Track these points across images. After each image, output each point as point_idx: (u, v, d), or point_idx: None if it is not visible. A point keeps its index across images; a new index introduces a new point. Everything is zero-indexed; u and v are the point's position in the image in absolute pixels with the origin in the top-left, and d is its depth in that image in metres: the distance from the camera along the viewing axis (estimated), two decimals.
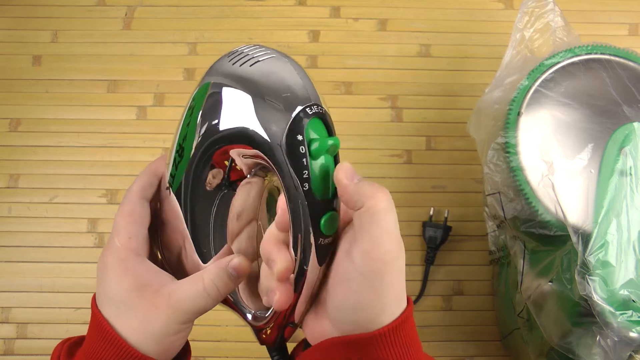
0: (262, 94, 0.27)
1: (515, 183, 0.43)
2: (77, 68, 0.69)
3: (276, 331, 0.32)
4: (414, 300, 0.61)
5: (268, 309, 0.32)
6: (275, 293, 0.29)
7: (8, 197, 0.64)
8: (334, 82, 0.68)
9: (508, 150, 0.44)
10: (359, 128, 0.67)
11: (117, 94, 0.68)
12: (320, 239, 0.28)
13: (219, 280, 0.29)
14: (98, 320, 0.29)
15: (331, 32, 0.70)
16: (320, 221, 0.28)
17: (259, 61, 0.28)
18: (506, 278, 0.57)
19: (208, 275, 0.29)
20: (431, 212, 0.63)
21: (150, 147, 0.66)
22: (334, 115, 0.31)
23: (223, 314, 0.62)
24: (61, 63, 0.69)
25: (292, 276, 0.29)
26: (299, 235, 0.28)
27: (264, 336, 0.32)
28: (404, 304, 0.28)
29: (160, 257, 0.34)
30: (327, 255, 0.29)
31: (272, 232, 0.30)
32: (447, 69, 0.69)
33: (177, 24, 0.70)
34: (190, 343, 0.63)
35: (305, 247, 0.28)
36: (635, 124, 0.41)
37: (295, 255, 0.29)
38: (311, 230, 0.28)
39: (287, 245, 0.29)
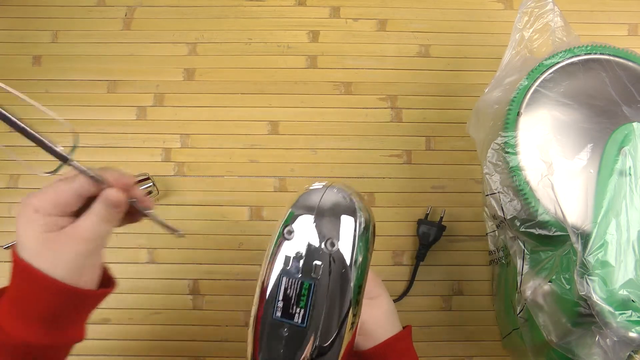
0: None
1: (515, 183, 0.43)
2: (77, 68, 0.69)
3: None
4: (400, 295, 0.62)
5: None
6: None
7: (8, 197, 0.64)
8: (334, 82, 0.68)
9: (507, 150, 0.44)
10: (358, 128, 0.67)
11: (117, 94, 0.68)
12: None
13: (105, 210, 0.36)
14: (18, 264, 0.34)
15: (331, 32, 0.70)
16: None
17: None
18: (506, 278, 0.57)
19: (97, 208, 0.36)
20: (428, 211, 0.63)
21: (150, 147, 0.66)
22: (334, 115, 0.32)
23: (223, 314, 0.62)
24: (61, 63, 0.69)
25: None
26: None
27: None
28: (388, 336, 0.44)
29: None
30: None
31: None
32: (446, 69, 0.69)
33: (177, 24, 0.70)
34: (191, 343, 0.64)
35: None
36: (635, 124, 0.41)
37: None
38: None
39: None
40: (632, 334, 0.36)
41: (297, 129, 0.67)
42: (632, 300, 0.37)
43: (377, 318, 0.45)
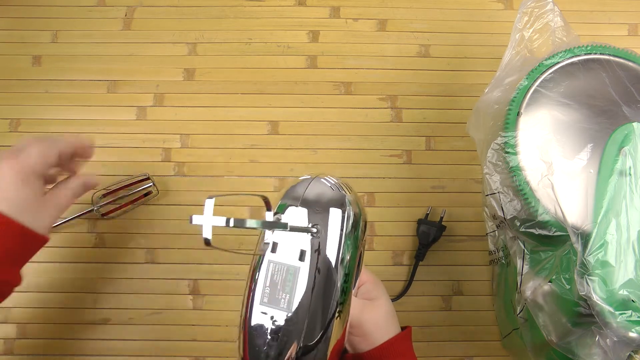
0: None
1: (515, 183, 0.43)
2: (77, 68, 0.69)
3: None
4: (398, 295, 0.62)
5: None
6: None
7: None
8: (334, 82, 0.68)
9: (507, 150, 0.44)
10: (358, 128, 0.67)
11: (117, 94, 0.68)
12: None
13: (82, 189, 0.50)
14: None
15: (331, 32, 0.70)
16: None
17: None
18: (506, 278, 0.57)
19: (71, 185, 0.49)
20: (428, 211, 0.63)
21: (150, 147, 0.66)
22: (334, 115, 0.32)
23: (224, 314, 0.62)
24: (61, 63, 0.69)
25: None
26: None
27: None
28: (387, 338, 0.44)
29: None
30: None
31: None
32: (446, 69, 0.69)
33: (177, 24, 0.70)
34: (191, 343, 0.64)
35: None
36: (635, 124, 0.41)
37: None
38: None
39: None
40: (632, 334, 0.36)
41: (297, 129, 0.67)
42: (632, 300, 0.37)
43: (376, 320, 0.45)
